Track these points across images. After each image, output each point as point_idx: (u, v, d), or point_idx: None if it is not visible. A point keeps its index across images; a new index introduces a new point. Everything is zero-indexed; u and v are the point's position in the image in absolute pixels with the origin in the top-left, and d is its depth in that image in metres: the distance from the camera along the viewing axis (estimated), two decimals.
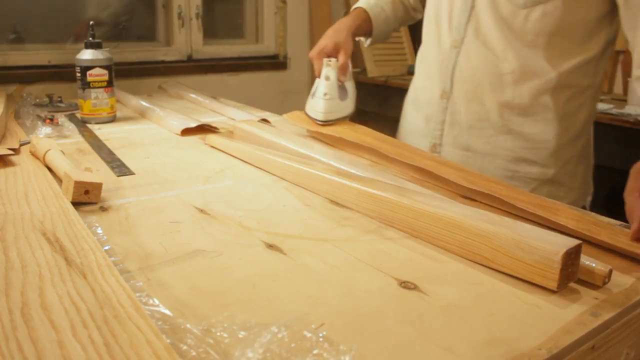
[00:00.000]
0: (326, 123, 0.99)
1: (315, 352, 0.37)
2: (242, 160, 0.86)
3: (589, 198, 1.00)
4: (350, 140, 0.91)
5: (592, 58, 0.90)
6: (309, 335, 0.38)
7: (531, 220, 0.61)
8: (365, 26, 1.10)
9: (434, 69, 1.00)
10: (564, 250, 0.46)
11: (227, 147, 0.91)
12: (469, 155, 0.96)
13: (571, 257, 0.47)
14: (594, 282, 0.48)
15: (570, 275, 0.47)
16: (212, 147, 0.94)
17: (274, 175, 0.78)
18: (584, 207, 0.98)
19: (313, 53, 1.03)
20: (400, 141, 0.96)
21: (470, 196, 0.71)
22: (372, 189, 0.63)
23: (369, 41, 1.14)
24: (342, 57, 1.00)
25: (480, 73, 0.92)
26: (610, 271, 0.48)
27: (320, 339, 0.38)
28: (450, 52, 0.96)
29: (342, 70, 1.00)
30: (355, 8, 1.12)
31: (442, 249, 0.55)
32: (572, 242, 0.47)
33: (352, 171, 0.74)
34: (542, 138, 0.92)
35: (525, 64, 0.89)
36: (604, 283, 0.48)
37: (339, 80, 1.00)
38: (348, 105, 1.03)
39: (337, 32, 1.04)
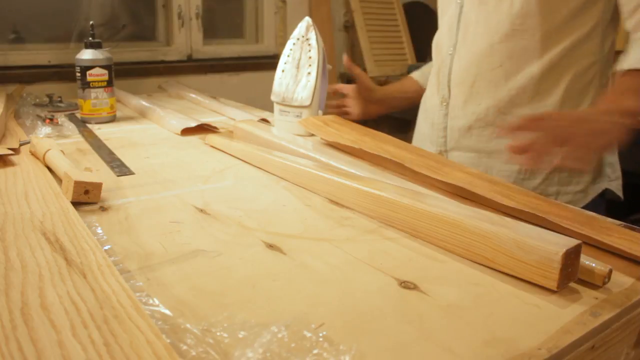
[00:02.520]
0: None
1: (315, 352, 0.37)
2: (242, 160, 0.86)
3: (616, 182, 0.94)
4: (370, 152, 0.85)
5: (586, 35, 0.86)
6: (309, 335, 0.38)
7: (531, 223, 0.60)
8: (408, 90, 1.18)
9: (435, 77, 1.02)
10: (564, 250, 0.46)
11: (227, 147, 0.91)
12: (475, 156, 0.95)
13: (571, 257, 0.47)
14: (594, 282, 0.48)
15: (570, 275, 0.47)
16: (212, 147, 0.94)
17: (274, 175, 0.78)
18: (605, 192, 0.92)
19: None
20: (425, 150, 0.90)
21: (506, 212, 0.64)
22: (372, 189, 0.63)
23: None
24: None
25: (473, 73, 0.93)
26: (610, 271, 0.48)
27: (320, 339, 0.38)
28: (445, 59, 0.98)
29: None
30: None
31: (442, 249, 0.55)
32: (572, 242, 0.47)
33: (352, 171, 0.74)
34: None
35: (514, 54, 0.88)
36: (604, 283, 0.48)
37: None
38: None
39: None
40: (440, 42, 1.01)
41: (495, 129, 0.92)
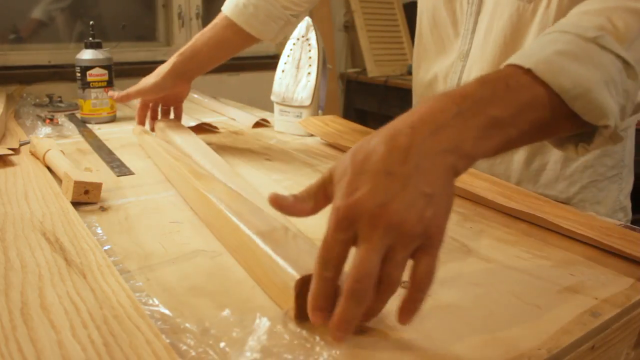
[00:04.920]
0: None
1: (315, 351, 0.37)
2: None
3: (625, 219, 0.81)
4: None
5: None
6: (308, 335, 0.38)
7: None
8: (229, 42, 0.95)
9: (438, 81, 0.85)
10: (304, 274, 0.40)
11: (141, 141, 0.90)
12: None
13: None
14: None
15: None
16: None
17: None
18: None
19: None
20: None
21: (507, 212, 0.63)
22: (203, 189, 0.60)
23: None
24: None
25: None
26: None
27: (320, 339, 0.38)
28: (455, 65, 0.81)
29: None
30: (218, 21, 0.96)
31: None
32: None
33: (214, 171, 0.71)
34: (549, 160, 0.77)
35: None
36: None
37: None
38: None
39: (145, 84, 0.95)
40: (443, 38, 0.83)
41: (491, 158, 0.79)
